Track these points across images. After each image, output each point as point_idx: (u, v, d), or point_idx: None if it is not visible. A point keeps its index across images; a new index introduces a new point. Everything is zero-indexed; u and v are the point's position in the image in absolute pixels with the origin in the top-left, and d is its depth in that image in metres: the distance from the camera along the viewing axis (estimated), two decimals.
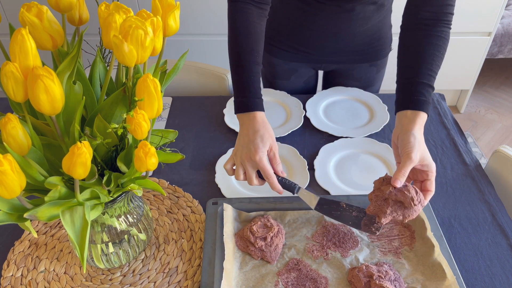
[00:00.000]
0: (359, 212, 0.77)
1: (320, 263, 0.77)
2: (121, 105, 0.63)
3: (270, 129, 0.83)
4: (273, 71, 1.27)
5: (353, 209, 0.77)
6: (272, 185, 0.78)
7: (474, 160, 1.01)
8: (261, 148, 0.78)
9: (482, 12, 2.08)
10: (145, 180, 0.65)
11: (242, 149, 0.80)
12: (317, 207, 0.78)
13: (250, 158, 0.78)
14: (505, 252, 0.80)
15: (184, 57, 0.69)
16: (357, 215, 0.77)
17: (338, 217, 0.77)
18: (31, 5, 0.55)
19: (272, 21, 1.19)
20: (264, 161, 0.78)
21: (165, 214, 0.88)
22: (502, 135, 2.39)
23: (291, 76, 1.27)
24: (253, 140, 0.80)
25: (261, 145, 0.79)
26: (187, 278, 0.77)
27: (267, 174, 0.78)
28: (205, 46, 2.16)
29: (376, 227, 0.75)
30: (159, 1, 0.61)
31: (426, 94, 0.81)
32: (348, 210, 0.77)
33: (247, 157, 0.78)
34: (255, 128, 0.82)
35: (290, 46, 1.20)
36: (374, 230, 0.74)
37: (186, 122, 1.15)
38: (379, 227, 0.74)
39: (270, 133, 0.82)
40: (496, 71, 2.89)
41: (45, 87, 0.49)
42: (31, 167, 0.56)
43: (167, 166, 1.00)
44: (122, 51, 0.53)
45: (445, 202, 0.91)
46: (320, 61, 1.23)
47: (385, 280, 0.70)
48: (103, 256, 0.75)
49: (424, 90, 0.80)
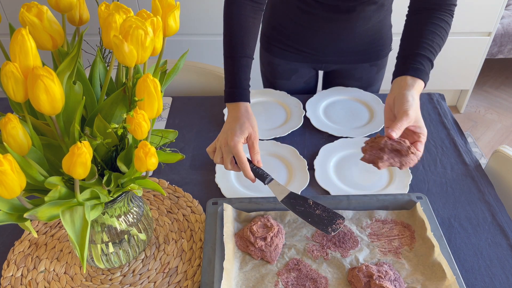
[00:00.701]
0: (323, 212, 0.77)
1: (320, 263, 0.77)
2: (121, 105, 0.63)
3: (252, 119, 0.87)
4: (273, 71, 1.27)
5: (318, 208, 0.78)
6: (244, 171, 0.81)
7: (474, 160, 1.01)
8: (238, 135, 0.82)
9: (482, 12, 2.08)
10: (145, 180, 0.65)
11: (222, 134, 0.85)
12: (284, 199, 0.79)
13: (226, 143, 0.82)
14: (505, 252, 0.80)
15: (184, 57, 0.69)
16: (320, 213, 0.77)
17: (300, 213, 0.77)
18: (31, 5, 0.55)
19: (273, 21, 1.19)
20: (238, 147, 0.81)
21: (165, 214, 0.88)
22: (502, 135, 2.39)
23: (291, 76, 1.26)
24: (232, 127, 0.84)
25: (239, 132, 0.83)
26: (187, 278, 0.77)
27: (240, 160, 0.81)
28: (205, 46, 2.16)
29: (334, 228, 0.74)
30: (159, 1, 0.61)
31: (425, 66, 0.83)
32: (313, 207, 0.78)
33: (224, 142, 0.83)
34: (237, 116, 0.87)
35: (290, 46, 1.20)
36: (331, 230, 0.74)
37: (186, 122, 1.15)
38: (337, 228, 0.74)
39: (252, 123, 0.86)
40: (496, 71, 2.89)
41: (45, 87, 0.49)
42: (31, 167, 0.56)
43: (167, 166, 1.00)
44: (122, 51, 0.53)
45: (445, 202, 0.91)
46: (321, 61, 1.23)
47: (385, 280, 0.70)
48: (103, 256, 0.75)
49: (423, 61, 0.83)
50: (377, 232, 0.82)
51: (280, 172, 0.98)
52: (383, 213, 0.85)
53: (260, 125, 1.12)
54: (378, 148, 0.74)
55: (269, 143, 1.05)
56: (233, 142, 0.81)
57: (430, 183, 0.95)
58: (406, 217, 0.84)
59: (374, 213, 0.85)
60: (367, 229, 0.83)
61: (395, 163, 0.73)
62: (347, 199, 0.86)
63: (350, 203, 0.86)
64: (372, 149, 0.75)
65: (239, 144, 0.82)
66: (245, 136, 0.83)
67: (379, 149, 0.74)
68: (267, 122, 1.13)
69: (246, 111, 0.88)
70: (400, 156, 0.73)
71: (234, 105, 0.89)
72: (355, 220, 0.84)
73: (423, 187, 0.94)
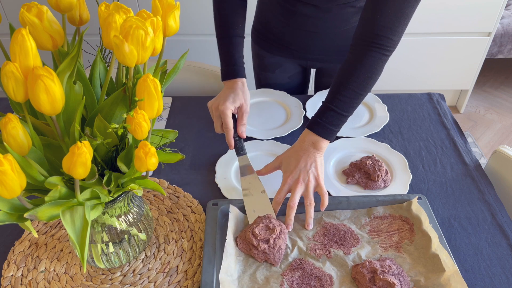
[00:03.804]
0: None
1: (323, 262, 0.77)
2: (121, 105, 0.63)
3: (246, 94, 0.94)
4: (260, 63, 1.31)
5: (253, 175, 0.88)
6: (226, 136, 0.90)
7: (474, 160, 1.01)
8: (229, 101, 0.90)
9: (482, 12, 2.08)
10: (145, 180, 0.65)
11: (216, 99, 0.93)
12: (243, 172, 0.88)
13: (217, 107, 0.90)
14: (505, 252, 0.80)
15: (184, 57, 0.69)
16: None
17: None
18: (31, 5, 0.55)
19: (261, 16, 1.23)
20: (226, 113, 0.89)
21: (165, 214, 0.88)
22: (502, 135, 2.39)
23: (276, 70, 1.29)
24: (226, 95, 0.92)
25: (231, 100, 0.90)
26: (187, 278, 0.77)
27: (225, 125, 0.89)
28: (205, 46, 2.16)
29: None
30: (159, 1, 0.61)
31: (322, 117, 0.85)
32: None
33: (216, 106, 0.91)
34: (232, 88, 0.94)
35: (274, 40, 1.22)
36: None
37: (186, 122, 1.15)
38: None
39: (245, 96, 0.93)
40: (495, 71, 2.89)
41: (45, 87, 0.49)
42: (31, 167, 0.56)
43: (167, 166, 1.00)
44: (122, 51, 0.53)
45: (445, 202, 0.91)
46: (304, 58, 1.24)
47: (389, 275, 0.70)
48: (103, 256, 0.75)
49: (325, 113, 0.85)
50: (376, 228, 0.83)
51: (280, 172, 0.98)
52: (380, 209, 0.85)
53: (260, 125, 1.12)
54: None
55: (269, 143, 1.05)
56: (223, 107, 0.89)
57: (430, 183, 0.95)
58: (404, 210, 0.85)
59: (372, 210, 0.85)
60: (367, 227, 0.83)
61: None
62: (347, 200, 0.86)
63: (350, 204, 0.86)
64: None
65: (228, 110, 0.89)
66: (236, 105, 0.91)
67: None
68: (267, 122, 1.13)
69: (243, 85, 0.95)
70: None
71: (231, 81, 0.95)
72: (354, 219, 0.84)
73: (423, 187, 0.94)
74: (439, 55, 2.25)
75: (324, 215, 0.85)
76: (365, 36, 0.81)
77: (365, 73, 0.81)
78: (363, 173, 0.94)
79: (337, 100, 0.83)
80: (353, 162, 0.97)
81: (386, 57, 0.81)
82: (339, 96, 0.82)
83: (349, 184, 0.94)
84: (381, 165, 0.93)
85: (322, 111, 0.85)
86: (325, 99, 0.85)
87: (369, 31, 0.80)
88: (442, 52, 2.24)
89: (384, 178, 0.93)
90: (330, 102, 0.83)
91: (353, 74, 0.81)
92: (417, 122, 1.14)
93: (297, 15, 1.11)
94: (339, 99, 0.82)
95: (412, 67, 2.29)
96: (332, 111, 0.83)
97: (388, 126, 1.12)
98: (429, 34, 2.17)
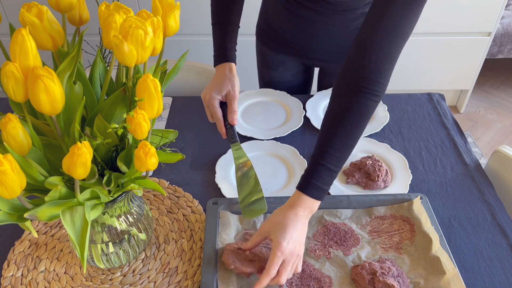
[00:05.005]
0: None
1: (323, 262, 0.77)
2: (121, 105, 0.63)
3: (233, 79, 0.92)
4: (263, 60, 1.30)
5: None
6: (217, 126, 0.90)
7: (474, 160, 1.01)
8: (215, 91, 0.90)
9: (482, 12, 2.08)
10: (145, 180, 0.65)
11: (204, 90, 0.93)
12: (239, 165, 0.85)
13: (204, 98, 0.91)
14: (505, 252, 0.80)
15: (184, 57, 0.69)
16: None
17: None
18: (31, 5, 0.55)
19: (265, 15, 1.23)
20: (212, 102, 0.90)
21: (165, 214, 0.88)
22: (502, 135, 2.39)
23: (279, 68, 1.29)
24: (212, 84, 0.92)
25: (217, 89, 0.90)
26: (187, 278, 0.77)
27: (214, 115, 0.90)
28: (205, 46, 2.16)
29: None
30: (159, 1, 0.61)
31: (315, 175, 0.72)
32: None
33: (204, 96, 0.92)
34: (220, 75, 0.93)
35: (278, 39, 1.22)
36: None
37: (186, 122, 1.15)
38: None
39: (232, 82, 0.91)
40: (496, 71, 2.89)
41: (45, 87, 0.49)
42: (31, 167, 0.56)
43: (167, 166, 1.00)
44: (122, 51, 0.53)
45: (445, 202, 0.91)
46: (307, 57, 1.24)
47: (388, 277, 0.70)
48: (103, 256, 0.75)
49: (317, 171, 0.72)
50: (377, 228, 0.83)
51: (280, 172, 0.98)
52: (381, 209, 0.85)
53: (260, 125, 1.12)
54: None
55: (269, 143, 1.05)
56: (209, 97, 0.90)
57: (430, 183, 0.95)
58: (405, 210, 0.85)
59: (373, 210, 0.85)
60: (367, 227, 0.83)
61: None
62: (347, 199, 0.86)
63: (350, 203, 0.86)
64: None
65: (214, 100, 0.89)
66: (222, 93, 0.90)
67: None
68: (267, 122, 1.13)
69: (230, 71, 0.93)
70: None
71: (220, 66, 0.94)
72: (354, 219, 0.84)
73: (423, 187, 0.94)
74: (439, 55, 2.25)
75: (325, 213, 0.85)
76: (352, 80, 0.71)
77: (355, 121, 0.71)
78: (363, 173, 0.94)
79: (327, 155, 0.71)
80: (353, 162, 0.97)
81: (376, 103, 0.72)
82: (329, 149, 0.71)
83: (349, 184, 0.94)
84: (381, 165, 0.93)
85: (313, 170, 0.72)
86: (314, 155, 0.73)
87: (357, 75, 0.71)
88: (442, 52, 2.24)
89: (384, 178, 0.93)
90: (320, 158, 0.71)
91: (342, 123, 0.71)
92: (417, 122, 1.14)
93: (299, 17, 1.12)
94: (329, 153, 0.71)
95: (412, 67, 2.29)
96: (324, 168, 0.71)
97: (388, 126, 1.12)
98: (429, 34, 2.17)
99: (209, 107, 0.91)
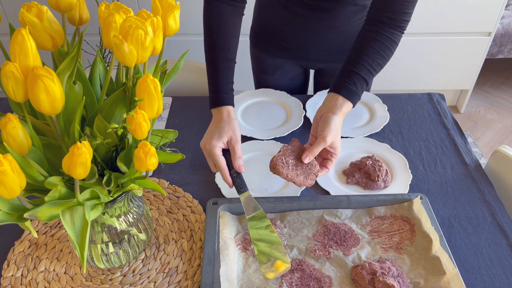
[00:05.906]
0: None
1: (323, 263, 0.77)
2: (121, 105, 0.63)
3: (233, 123, 0.86)
4: (259, 65, 1.29)
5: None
6: (222, 176, 0.82)
7: (474, 160, 1.01)
8: (215, 138, 0.83)
9: (482, 12, 2.08)
10: (145, 180, 0.65)
11: (203, 139, 0.86)
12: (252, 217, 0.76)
13: (205, 147, 0.84)
14: (505, 252, 0.80)
15: (184, 57, 0.69)
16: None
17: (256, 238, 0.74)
18: (31, 5, 0.55)
19: (260, 18, 1.22)
20: (214, 151, 0.82)
21: (165, 214, 0.88)
22: (502, 135, 2.39)
23: (276, 72, 1.28)
24: (211, 131, 0.85)
25: (217, 136, 0.83)
26: (187, 278, 0.77)
27: (217, 164, 0.82)
28: None
29: None
30: (159, 1, 0.61)
31: (359, 87, 0.86)
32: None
33: (204, 146, 0.85)
34: (218, 120, 0.87)
35: (275, 42, 1.21)
36: None
37: (186, 122, 1.15)
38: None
39: (232, 127, 0.85)
40: (496, 71, 2.89)
41: (45, 87, 0.49)
42: (31, 167, 0.56)
43: (167, 166, 1.00)
44: (122, 51, 0.53)
45: (445, 202, 0.91)
46: (306, 59, 1.23)
47: (388, 277, 0.70)
48: (103, 256, 0.75)
49: (359, 82, 0.86)
50: (377, 228, 0.83)
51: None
52: (382, 209, 0.85)
53: (260, 125, 1.12)
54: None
55: (269, 143, 1.05)
56: (209, 146, 0.83)
57: (430, 183, 0.95)
58: (406, 209, 0.85)
59: (373, 210, 0.85)
60: (367, 227, 0.83)
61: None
62: (347, 199, 0.86)
63: (350, 203, 0.86)
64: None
65: (216, 149, 0.82)
66: (224, 140, 0.83)
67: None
68: (267, 122, 1.13)
69: (228, 115, 0.87)
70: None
71: (217, 110, 0.89)
72: (354, 219, 0.84)
73: (423, 187, 0.94)
74: (439, 55, 2.25)
75: (325, 213, 0.85)
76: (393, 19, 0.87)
77: (382, 47, 0.87)
78: (363, 173, 0.94)
79: (367, 72, 0.86)
80: (353, 162, 0.97)
81: (400, 35, 0.89)
82: (369, 68, 0.86)
83: (349, 184, 0.94)
84: (381, 165, 0.93)
85: (355, 81, 0.86)
86: (347, 64, 0.87)
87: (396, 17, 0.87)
88: (442, 52, 2.24)
89: (384, 178, 0.93)
90: (363, 73, 0.86)
91: (371, 44, 0.87)
92: (417, 122, 1.14)
93: (300, 16, 1.11)
94: (369, 71, 0.86)
95: (412, 67, 2.29)
96: (364, 81, 0.86)
97: (388, 126, 1.12)
98: (429, 34, 2.17)
99: (210, 156, 0.83)
